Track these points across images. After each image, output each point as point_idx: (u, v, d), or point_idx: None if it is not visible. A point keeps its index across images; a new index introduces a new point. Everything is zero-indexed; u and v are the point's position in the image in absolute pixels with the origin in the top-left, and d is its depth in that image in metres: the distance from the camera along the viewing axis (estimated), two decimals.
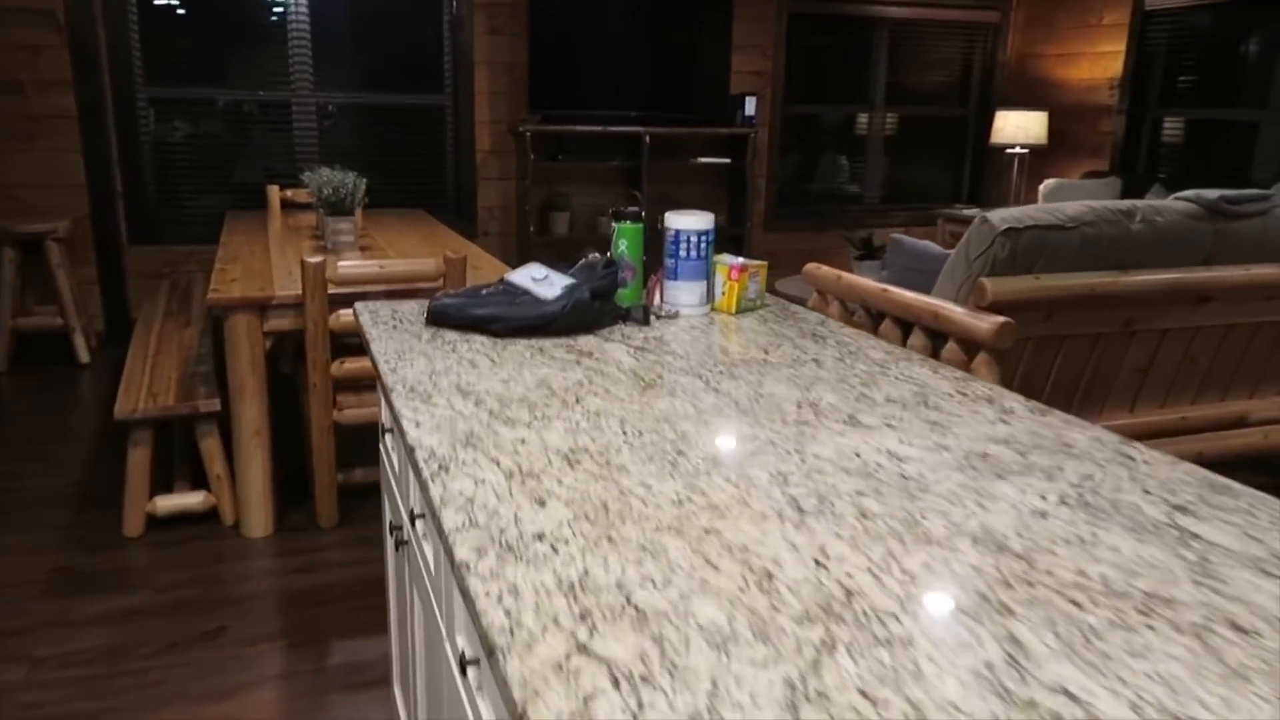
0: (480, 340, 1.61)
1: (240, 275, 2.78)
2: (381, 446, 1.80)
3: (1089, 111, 5.99)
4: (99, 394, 3.99)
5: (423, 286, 2.67)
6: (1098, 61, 5.91)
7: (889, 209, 6.57)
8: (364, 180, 3.38)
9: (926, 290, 2.94)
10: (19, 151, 4.63)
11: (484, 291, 1.74)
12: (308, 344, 2.55)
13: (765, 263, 1.92)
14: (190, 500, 2.69)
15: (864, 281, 2.97)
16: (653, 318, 1.78)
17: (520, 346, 1.57)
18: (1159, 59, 5.60)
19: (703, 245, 1.81)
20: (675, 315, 1.82)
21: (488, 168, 5.51)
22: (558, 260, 2.14)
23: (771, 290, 2.11)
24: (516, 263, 5.51)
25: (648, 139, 5.48)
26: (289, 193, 4.53)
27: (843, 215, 6.43)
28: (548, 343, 1.61)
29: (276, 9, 5.01)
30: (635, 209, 1.92)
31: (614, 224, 1.92)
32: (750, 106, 5.70)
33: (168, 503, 2.67)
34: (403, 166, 5.41)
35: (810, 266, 3.35)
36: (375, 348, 1.55)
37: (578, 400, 1.28)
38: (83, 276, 4.80)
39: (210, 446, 2.68)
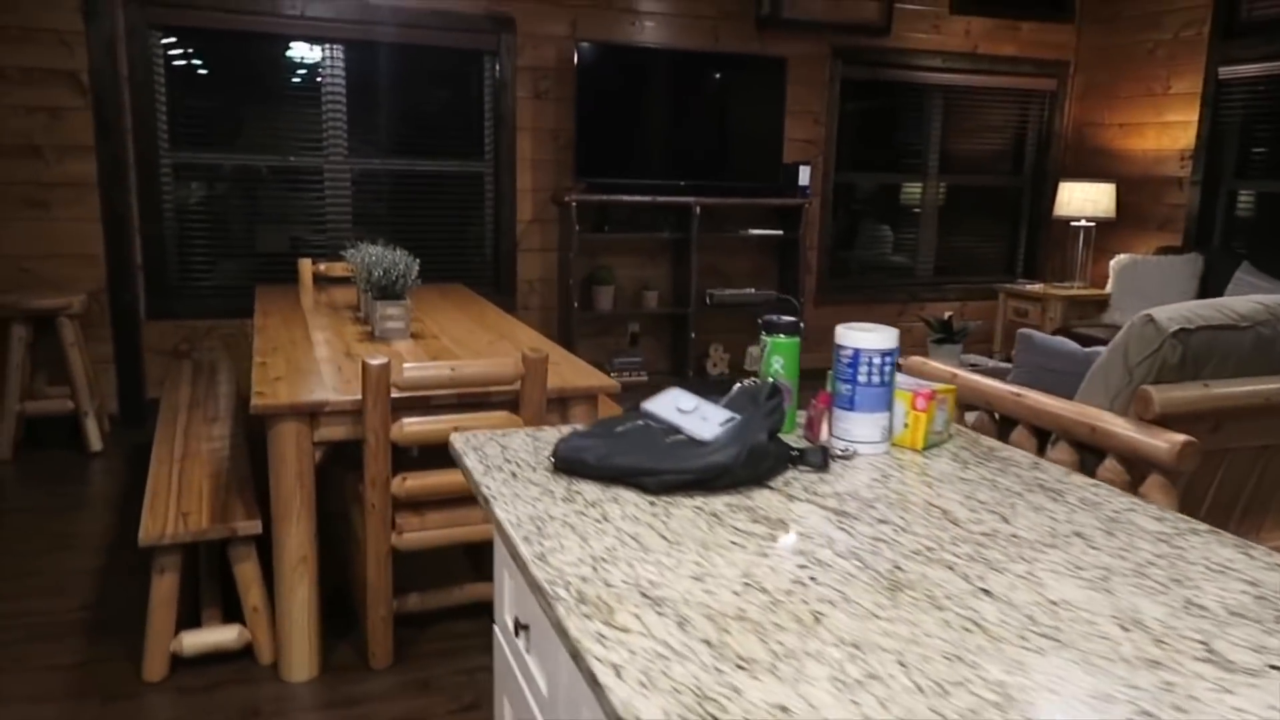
0: (629, 497, 1.25)
1: (285, 372, 2.43)
2: (499, 645, 1.42)
3: (1157, 183, 5.70)
4: (111, 490, 3.62)
5: (499, 389, 2.32)
6: (1165, 131, 5.64)
7: (943, 282, 6.26)
8: (416, 261, 3.06)
9: (1061, 393, 2.59)
10: (33, 220, 4.32)
11: (619, 429, 1.39)
12: (365, 458, 2.19)
13: (953, 386, 1.57)
14: (223, 636, 2.30)
15: (990, 383, 2.62)
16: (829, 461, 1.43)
17: (685, 509, 1.21)
18: (1234, 129, 5.33)
19: (886, 369, 1.46)
20: (852, 455, 1.47)
21: (529, 238, 5.20)
22: (600, 334, 1.84)
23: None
24: (560, 338, 5.18)
25: (698, 209, 5.19)
26: (322, 266, 4.21)
27: (895, 288, 6.11)
28: (717, 501, 1.25)
29: (309, 70, 4.75)
30: (792, 319, 1.58)
31: (764, 336, 1.57)
32: (804, 176, 5.41)
33: (196, 640, 2.29)
34: (439, 236, 5.10)
35: (915, 361, 3.00)
36: (501, 513, 1.19)
37: (816, 618, 0.92)
38: (97, 354, 4.46)
39: (247, 573, 2.30)
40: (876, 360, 1.45)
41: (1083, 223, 5.75)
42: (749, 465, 1.30)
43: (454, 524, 2.33)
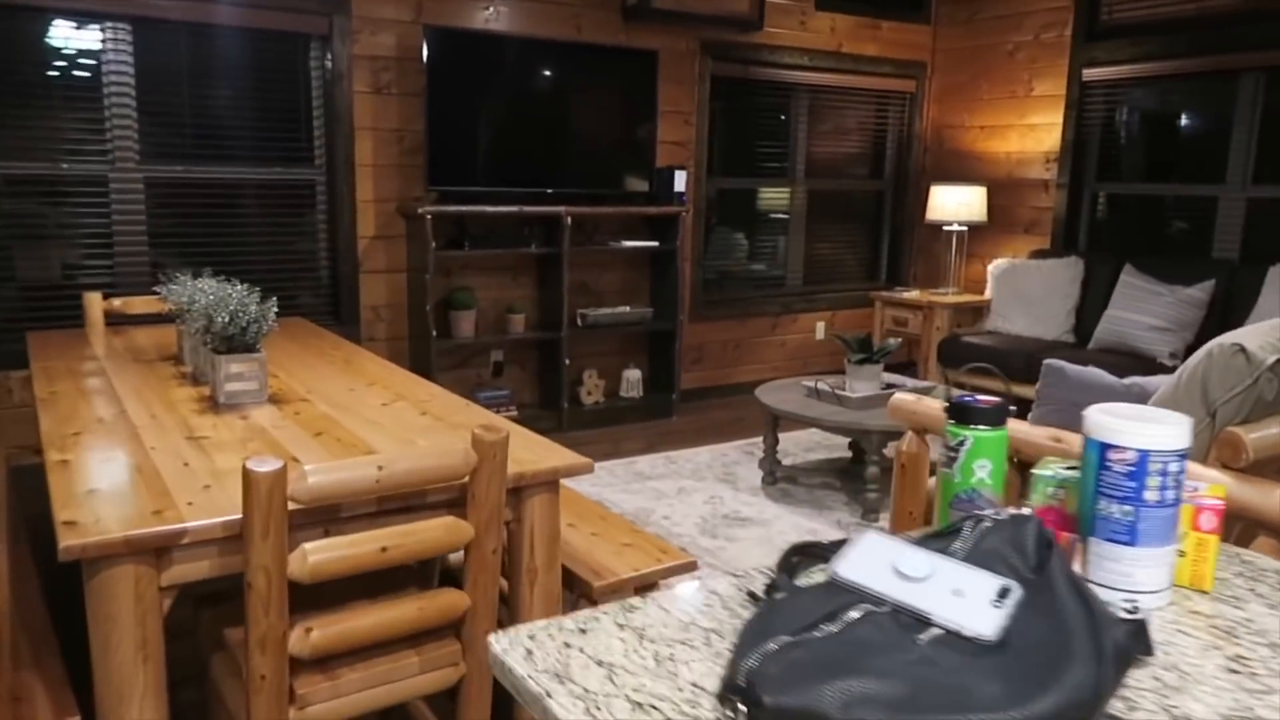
0: None
1: (103, 477, 1.64)
2: None
3: (1022, 186, 5.63)
4: None
5: (440, 489, 1.64)
6: (1030, 134, 5.57)
7: (815, 291, 5.96)
8: (272, 301, 2.29)
9: None
10: None
11: (826, 627, 0.79)
12: (249, 610, 1.46)
13: (1223, 484, 1.08)
14: None
15: (1023, 427, 2.18)
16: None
17: None
18: (1098, 131, 5.31)
19: (1180, 477, 0.94)
20: (1135, 612, 0.94)
21: (372, 257, 4.41)
22: (459, 366, 1.26)
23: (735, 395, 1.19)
24: (416, 372, 4.41)
25: (569, 220, 4.58)
26: (116, 301, 3.29)
27: (767, 301, 5.74)
28: None
29: (87, 57, 3.77)
30: (997, 400, 1.04)
31: (955, 428, 1.02)
32: (680, 181, 4.92)
33: None
34: (261, 258, 4.23)
35: (904, 401, 2.54)
36: None
37: None
38: None
39: None
40: (1173, 466, 0.93)
41: (955, 227, 5.59)
42: (1115, 681, 0.74)
43: (378, 682, 1.64)
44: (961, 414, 1.02)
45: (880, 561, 0.85)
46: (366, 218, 4.37)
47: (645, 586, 2.07)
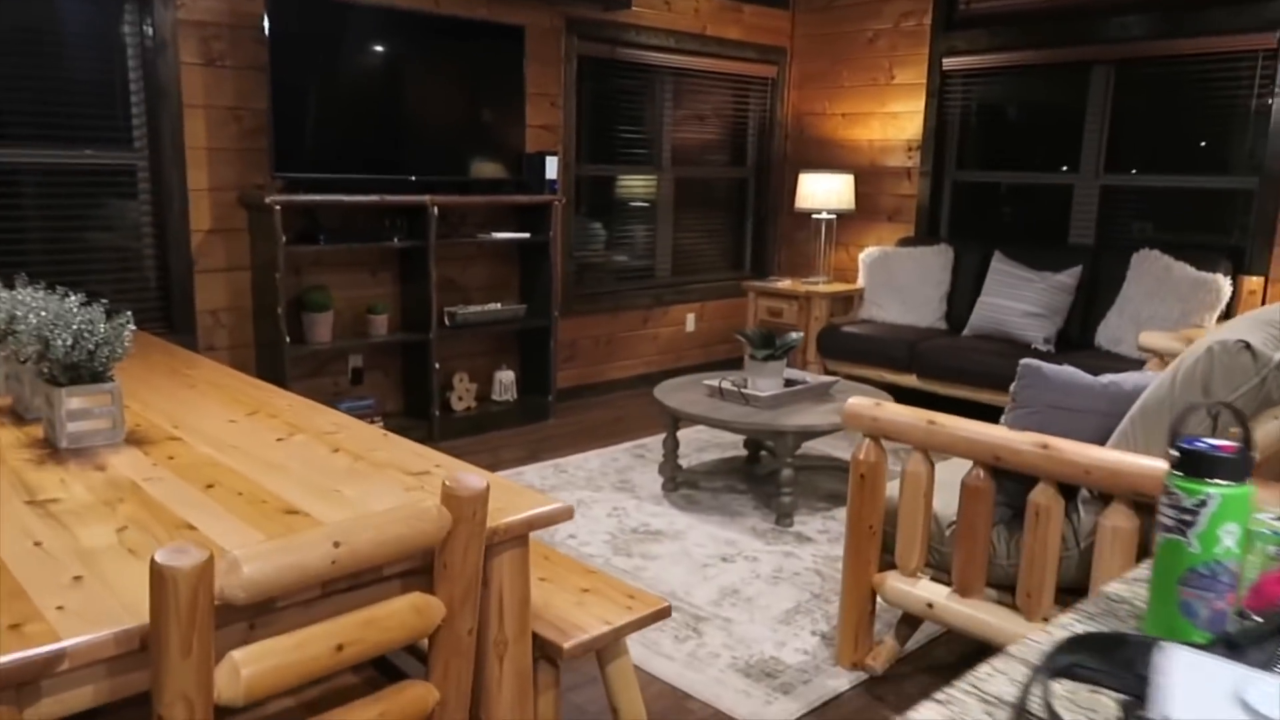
0: None
1: None
2: None
3: (884, 174, 5.65)
4: None
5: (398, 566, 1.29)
6: (891, 122, 5.59)
7: (685, 282, 5.78)
8: (126, 316, 1.83)
9: (1072, 435, 2.09)
10: None
11: None
12: None
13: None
14: None
15: (1002, 433, 2.04)
16: None
17: None
18: (959, 120, 5.38)
19: None
20: None
21: (210, 254, 3.85)
22: (314, 374, 1.13)
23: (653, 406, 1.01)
24: (266, 379, 3.88)
25: (435, 210, 4.17)
26: None
27: (638, 293, 5.51)
28: None
29: None
30: (1240, 446, 0.82)
31: (1191, 483, 0.80)
32: (551, 168, 4.60)
33: None
34: (73, 257, 3.59)
35: (862, 406, 2.36)
36: None
37: None
38: None
39: None
40: None
41: (823, 215, 5.54)
42: None
43: None
44: (1198, 465, 0.80)
45: (1218, 692, 0.61)
46: (201, 209, 3.80)
47: (613, 642, 1.77)
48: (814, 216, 5.67)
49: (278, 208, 3.70)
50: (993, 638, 2.09)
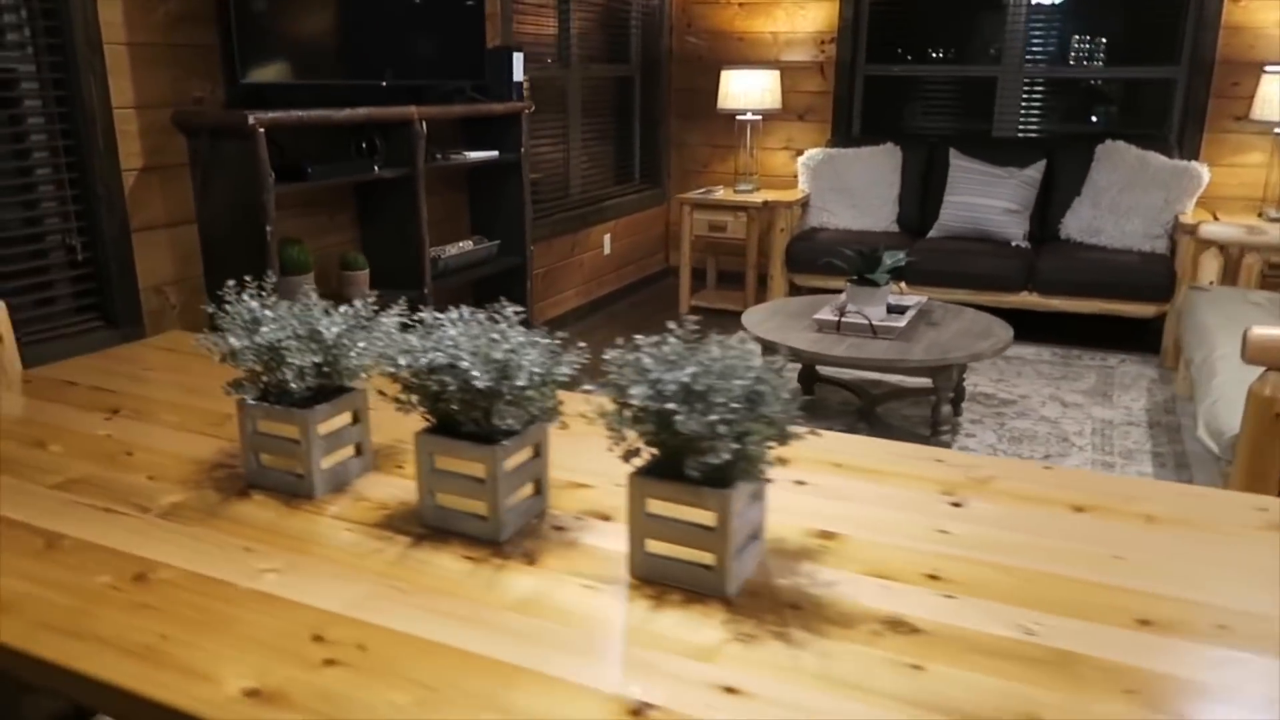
0: None
1: None
2: None
3: (793, 70, 5.30)
4: None
5: None
6: (798, 13, 5.22)
7: (598, 199, 5.07)
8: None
9: None
10: None
11: None
12: None
13: None
14: None
15: None
16: None
17: None
18: (870, 10, 5.15)
19: None
20: None
21: (145, 204, 2.60)
22: None
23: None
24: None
25: (423, 127, 3.17)
26: None
27: (563, 217, 4.74)
28: None
29: None
30: None
31: None
32: (519, 68, 3.70)
33: None
34: None
35: (1270, 336, 2.08)
36: None
37: None
38: None
39: None
40: None
41: (749, 116, 5.09)
42: None
43: None
44: None
45: None
46: (128, 137, 2.52)
47: None
48: (738, 118, 5.20)
49: (262, 130, 2.55)
50: None
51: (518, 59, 3.68)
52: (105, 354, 1.78)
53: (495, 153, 3.70)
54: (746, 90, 4.95)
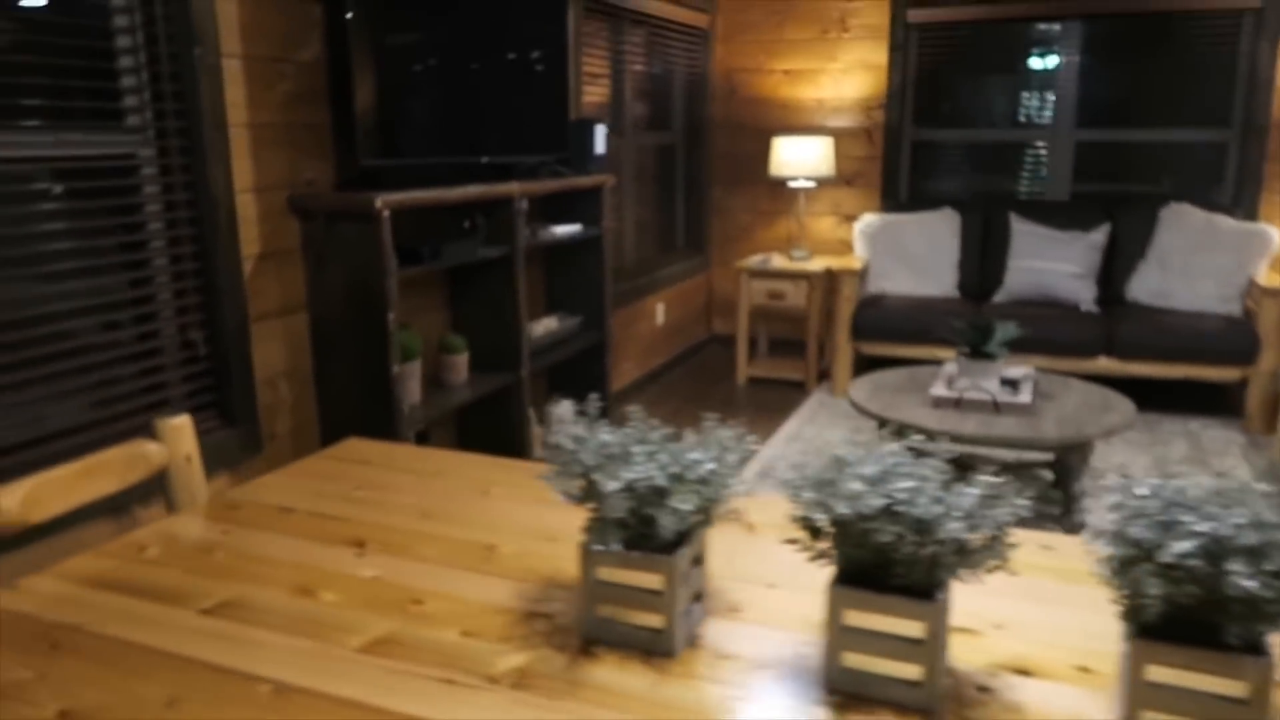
0: None
1: None
2: None
3: (838, 136, 5.27)
4: None
5: None
6: (845, 78, 5.21)
7: (651, 268, 4.96)
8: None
9: None
10: None
11: None
12: None
13: None
14: None
15: None
16: None
17: None
18: (923, 76, 5.15)
19: None
20: None
21: (260, 291, 2.44)
22: None
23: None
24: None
25: (524, 205, 3.05)
26: None
27: (622, 286, 4.61)
28: None
29: None
30: None
31: None
32: (600, 140, 3.60)
33: None
34: (37, 312, 2.05)
35: None
36: None
37: None
38: None
39: None
40: None
41: (801, 182, 5.03)
42: None
43: None
44: None
45: None
46: (249, 219, 2.37)
47: None
48: (790, 184, 5.14)
49: (387, 213, 2.41)
50: None
51: (599, 131, 3.59)
52: (289, 470, 1.61)
53: (579, 227, 3.58)
54: (799, 157, 4.90)
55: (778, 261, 4.90)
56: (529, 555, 1.27)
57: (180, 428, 1.52)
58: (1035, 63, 4.95)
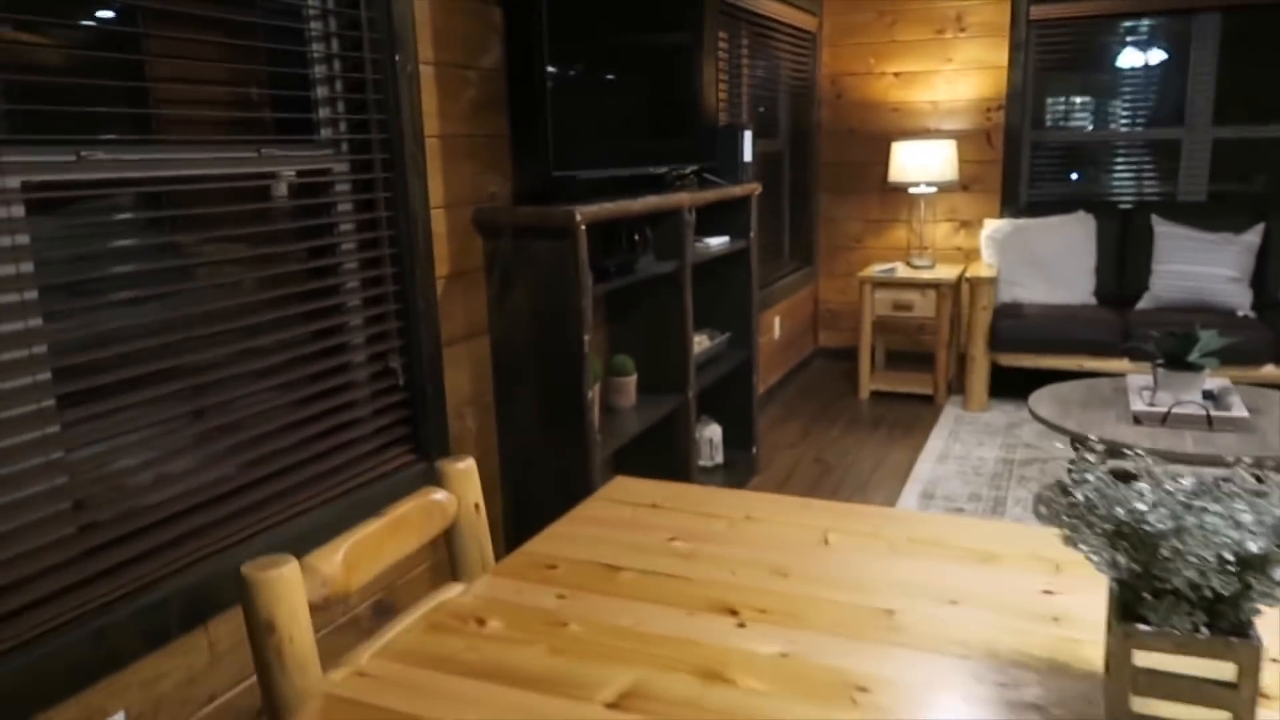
0: None
1: None
2: None
3: (958, 139, 5.06)
4: None
5: None
6: (958, 81, 5.00)
7: (768, 281, 4.76)
8: None
9: None
10: None
11: None
12: None
13: None
14: None
15: None
16: None
17: None
18: (1045, 76, 4.93)
19: None
20: None
21: (449, 314, 2.27)
22: None
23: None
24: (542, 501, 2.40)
25: (692, 216, 2.87)
26: None
27: (762, 293, 4.42)
28: None
29: None
30: None
31: None
32: (748, 147, 3.42)
33: None
34: (219, 341, 1.89)
35: None
36: None
37: None
38: None
39: None
40: None
41: (923, 189, 4.82)
42: None
43: None
44: None
45: None
46: (438, 240, 2.20)
47: None
48: (910, 190, 4.93)
49: (583, 229, 2.24)
50: None
51: (747, 137, 3.41)
52: (571, 518, 1.43)
53: (728, 238, 3.40)
54: (919, 162, 4.69)
55: (901, 271, 4.69)
56: (935, 621, 1.08)
57: (467, 472, 1.35)
58: (1166, 58, 4.71)
